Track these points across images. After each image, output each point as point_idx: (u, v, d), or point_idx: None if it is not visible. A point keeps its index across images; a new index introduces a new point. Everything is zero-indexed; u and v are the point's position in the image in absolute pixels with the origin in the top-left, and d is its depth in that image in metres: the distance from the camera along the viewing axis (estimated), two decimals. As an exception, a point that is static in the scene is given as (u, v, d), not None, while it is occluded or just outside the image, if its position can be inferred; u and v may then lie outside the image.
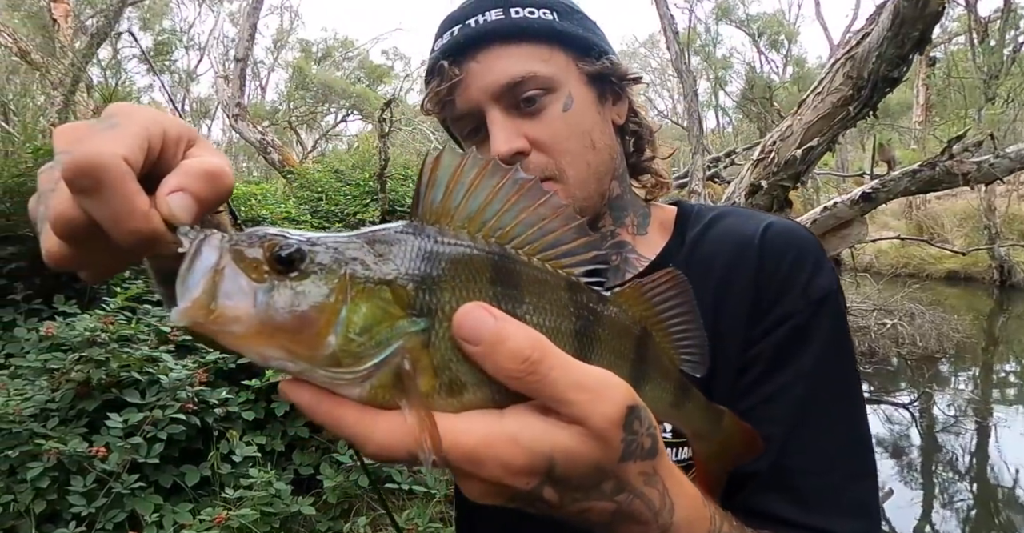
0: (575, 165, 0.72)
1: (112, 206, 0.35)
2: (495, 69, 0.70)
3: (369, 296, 0.35)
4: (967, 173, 2.81)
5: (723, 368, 0.67)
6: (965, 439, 6.06)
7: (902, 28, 2.37)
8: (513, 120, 0.71)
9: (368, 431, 0.35)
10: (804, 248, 0.69)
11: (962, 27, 14.33)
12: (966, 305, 10.92)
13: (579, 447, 0.38)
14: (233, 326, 0.33)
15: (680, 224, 0.78)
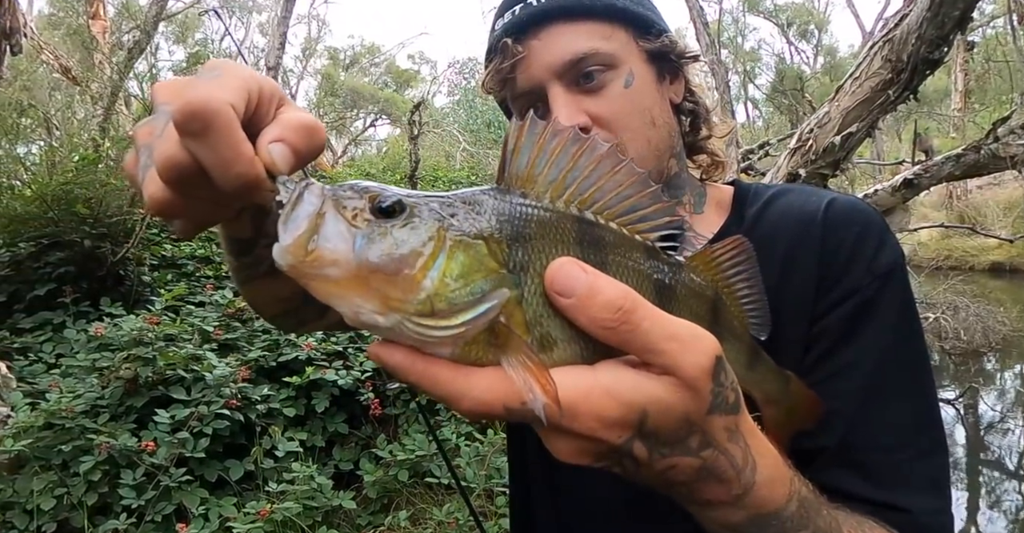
0: (636, 142, 0.72)
1: (220, 150, 0.36)
2: (557, 46, 0.71)
3: (466, 248, 0.36)
4: (1014, 156, 2.71)
5: (789, 344, 0.66)
6: (1013, 437, 5.86)
7: (942, 7, 2.30)
8: (575, 96, 0.72)
9: (466, 387, 0.35)
10: (869, 223, 0.68)
11: (1001, 9, 13.86)
12: (1012, 298, 10.53)
13: (670, 397, 0.38)
14: (330, 269, 0.34)
15: (738, 203, 0.78)
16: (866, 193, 2.83)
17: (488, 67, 0.76)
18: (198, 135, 0.36)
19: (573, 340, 0.38)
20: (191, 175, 0.38)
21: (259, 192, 0.38)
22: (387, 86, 24.60)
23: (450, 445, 3.06)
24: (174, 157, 0.37)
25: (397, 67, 26.89)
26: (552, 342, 0.38)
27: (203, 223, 0.44)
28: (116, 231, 4.30)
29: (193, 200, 0.40)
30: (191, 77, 0.41)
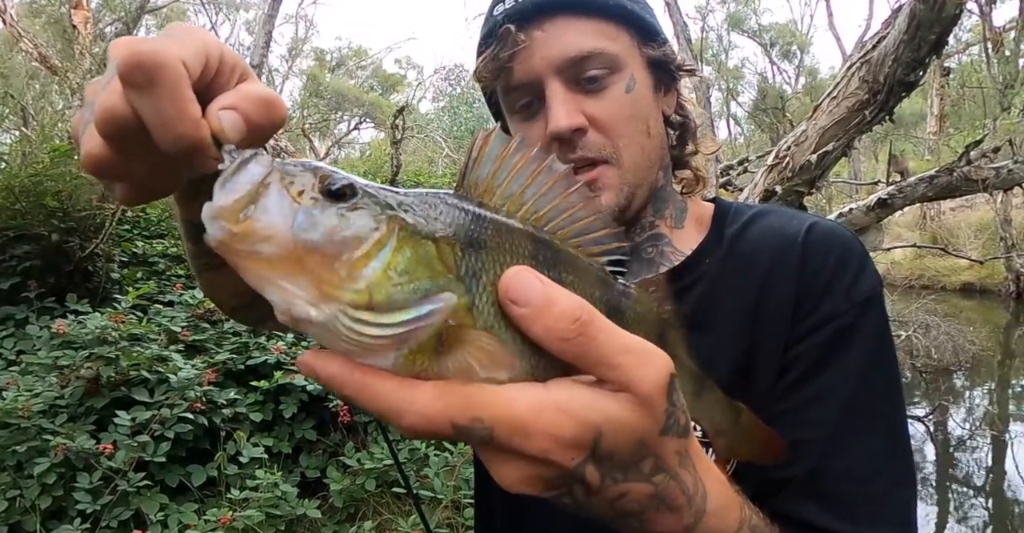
0: (631, 149, 0.70)
1: (163, 106, 0.33)
2: (562, 40, 0.68)
3: (415, 244, 0.33)
4: (985, 179, 2.77)
5: (763, 367, 0.65)
6: (981, 453, 5.97)
7: (918, 31, 2.34)
8: (574, 96, 0.69)
9: (408, 400, 0.32)
10: (849, 249, 0.68)
11: (976, 37, 14.25)
12: (982, 317, 10.78)
13: (626, 416, 0.36)
14: (263, 245, 0.31)
15: (718, 220, 0.77)
16: (841, 212, 2.87)
17: (483, 54, 0.72)
18: (141, 87, 0.33)
19: (524, 355, 0.36)
20: (131, 131, 0.35)
21: (202, 158, 0.35)
22: (373, 89, 24.52)
23: (419, 454, 3.02)
24: (113, 108, 0.34)
25: (384, 71, 26.83)
26: (499, 362, 0.35)
27: (145, 190, 0.41)
28: (85, 226, 4.19)
29: (133, 161, 0.37)
30: (151, 37, 0.38)
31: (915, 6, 2.37)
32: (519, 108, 0.72)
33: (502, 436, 0.33)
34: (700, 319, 0.67)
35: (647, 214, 0.76)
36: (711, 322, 0.68)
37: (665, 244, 0.76)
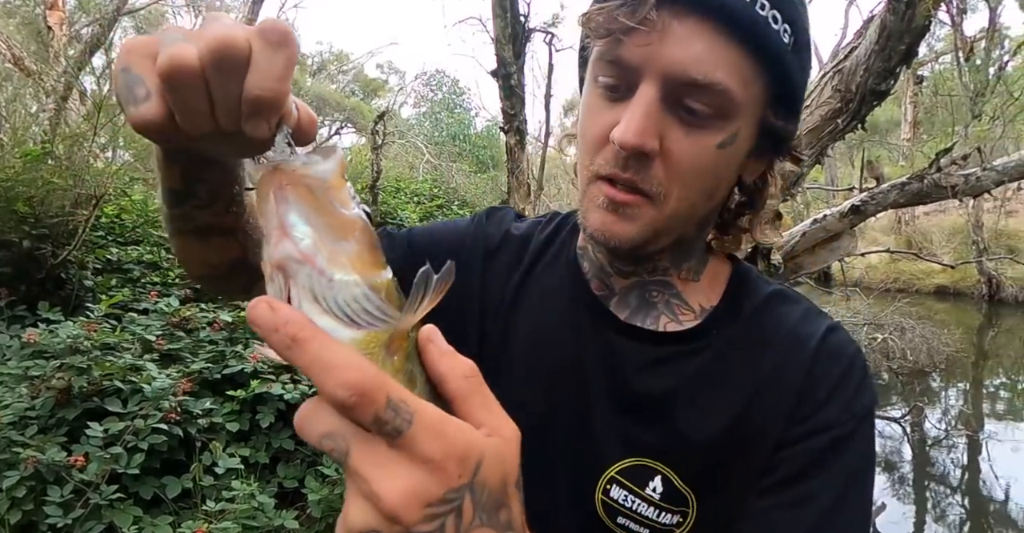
0: (684, 203, 0.60)
1: (284, 62, 0.37)
2: (691, 51, 0.54)
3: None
4: (955, 185, 2.83)
5: (746, 456, 0.63)
6: (956, 453, 6.08)
7: (889, 41, 2.39)
8: (663, 114, 0.57)
9: (354, 363, 0.31)
10: (855, 363, 0.64)
11: (948, 46, 14.58)
12: (955, 319, 10.99)
13: (500, 449, 0.36)
14: (335, 201, 0.36)
15: (733, 287, 0.71)
16: (816, 218, 2.91)
17: (606, 4, 0.57)
18: (274, 44, 0.36)
19: (427, 393, 0.37)
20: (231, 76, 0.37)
21: (262, 127, 0.38)
22: (354, 94, 24.41)
23: (398, 463, 3.00)
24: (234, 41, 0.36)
25: (365, 76, 26.72)
26: (414, 383, 0.37)
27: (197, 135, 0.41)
28: (58, 232, 4.11)
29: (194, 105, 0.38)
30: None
31: (886, 17, 2.42)
32: (602, 82, 0.60)
33: (419, 429, 0.32)
34: (693, 392, 0.65)
35: (663, 260, 0.69)
36: (703, 398, 0.65)
37: (673, 295, 0.70)
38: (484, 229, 0.78)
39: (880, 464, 5.71)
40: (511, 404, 0.69)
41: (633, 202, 0.59)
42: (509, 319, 0.72)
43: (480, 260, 0.75)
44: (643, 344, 0.67)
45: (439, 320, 0.76)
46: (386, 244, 0.78)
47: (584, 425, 0.67)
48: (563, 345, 0.69)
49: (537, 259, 0.75)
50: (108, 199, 4.81)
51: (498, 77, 4.07)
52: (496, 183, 10.92)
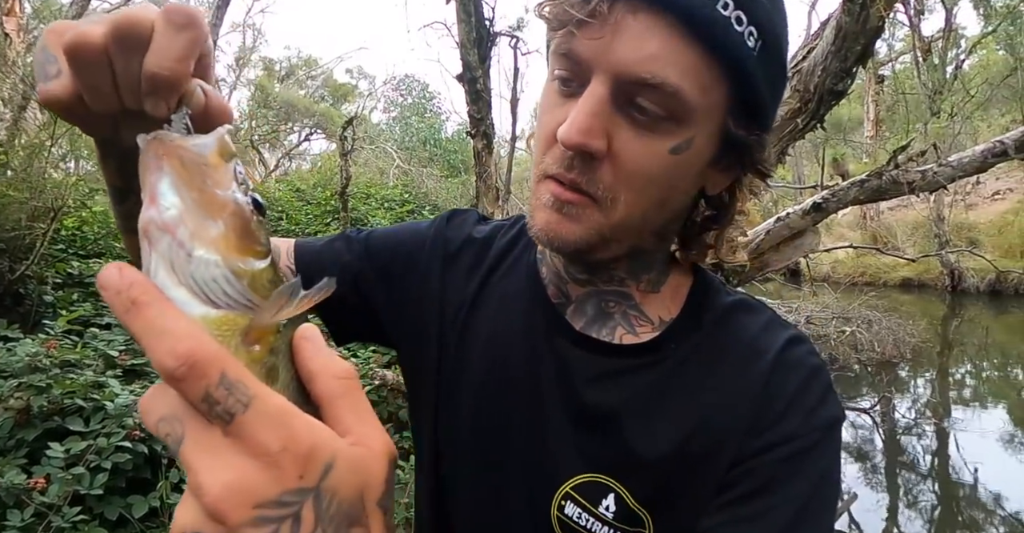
0: (632, 208, 0.57)
1: (184, 43, 0.37)
2: (643, 49, 0.51)
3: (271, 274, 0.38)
4: (912, 182, 2.91)
5: (703, 474, 0.60)
6: (925, 441, 6.23)
7: (845, 42, 2.44)
8: (613, 114, 0.54)
9: (194, 333, 0.29)
10: (817, 374, 0.63)
11: (908, 46, 14.99)
12: (920, 311, 11.28)
13: (358, 458, 0.31)
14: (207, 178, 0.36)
15: (694, 299, 0.68)
16: (779, 216, 2.96)
17: None
18: (178, 25, 0.37)
19: (291, 393, 0.35)
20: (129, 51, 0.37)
21: (161, 105, 0.38)
22: (324, 100, 24.18)
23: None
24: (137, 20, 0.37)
25: (334, 81, 26.51)
26: (274, 379, 0.35)
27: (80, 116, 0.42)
28: (15, 246, 4.00)
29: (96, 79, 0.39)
30: None
31: (841, 18, 2.47)
32: (557, 76, 0.57)
33: (256, 415, 0.28)
34: (645, 407, 0.63)
35: (620, 269, 0.66)
36: (655, 413, 0.63)
37: (631, 306, 0.67)
38: (445, 232, 0.76)
39: (852, 454, 5.82)
40: (468, 409, 0.68)
41: (579, 202, 0.56)
42: (467, 323, 0.71)
43: (440, 263, 0.74)
44: (596, 356, 0.65)
45: (402, 320, 0.74)
46: (342, 246, 0.76)
47: (539, 437, 0.65)
48: (518, 353, 0.68)
49: (498, 263, 0.73)
50: (68, 211, 4.69)
51: (464, 81, 4.06)
52: (467, 187, 10.90)
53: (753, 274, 2.89)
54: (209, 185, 0.35)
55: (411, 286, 0.73)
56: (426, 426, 0.72)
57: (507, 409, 0.67)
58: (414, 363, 0.75)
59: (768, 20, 0.53)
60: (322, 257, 0.76)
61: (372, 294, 0.75)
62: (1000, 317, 11.78)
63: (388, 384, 3.28)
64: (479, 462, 0.67)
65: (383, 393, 3.35)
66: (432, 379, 0.71)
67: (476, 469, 0.68)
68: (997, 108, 18.21)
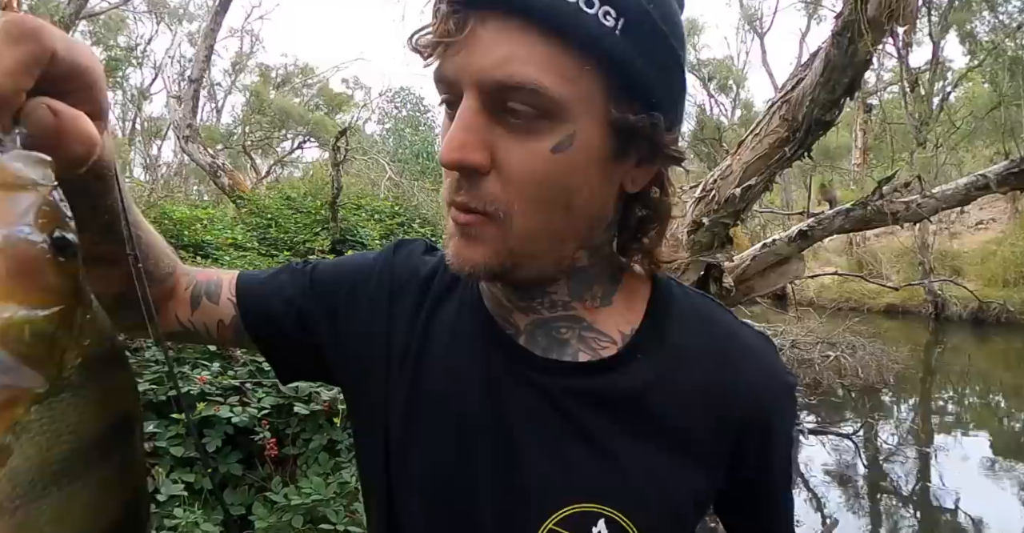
0: (528, 217, 0.55)
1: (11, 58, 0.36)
2: (496, 54, 0.50)
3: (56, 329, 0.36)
4: (896, 212, 2.95)
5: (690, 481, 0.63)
6: (907, 467, 6.24)
7: (833, 74, 2.49)
8: (487, 124, 0.52)
9: None
10: (786, 384, 0.67)
11: (896, 77, 15.29)
12: (904, 337, 11.36)
13: None
14: None
15: (654, 308, 0.66)
16: (765, 243, 2.99)
17: (430, 21, 0.54)
18: (13, 37, 0.36)
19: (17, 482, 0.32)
20: None
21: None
22: (318, 108, 24.19)
23: (349, 488, 2.92)
24: None
25: (330, 90, 26.55)
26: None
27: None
28: None
29: None
30: None
31: (830, 51, 2.52)
32: (443, 101, 0.57)
33: None
34: (627, 423, 0.62)
35: (560, 292, 0.64)
36: (638, 426, 0.62)
37: (584, 328, 0.65)
38: (391, 265, 0.72)
39: (834, 479, 5.82)
40: (426, 460, 0.65)
41: (475, 222, 0.55)
42: (417, 366, 0.67)
43: (386, 297, 0.70)
44: (568, 378, 0.63)
45: (347, 357, 0.71)
46: (286, 279, 0.74)
47: (510, 477, 0.62)
48: (477, 391, 0.64)
49: (441, 298, 0.69)
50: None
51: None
52: (459, 201, 10.86)
53: (739, 299, 2.91)
54: None
55: (355, 321, 0.70)
56: (375, 464, 0.68)
57: (472, 453, 0.63)
58: (359, 401, 0.72)
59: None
60: (265, 290, 0.73)
61: (315, 329, 0.71)
62: (983, 345, 11.89)
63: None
64: (442, 507, 0.64)
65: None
66: (380, 418, 0.67)
67: (438, 514, 0.64)
68: (981, 140, 18.57)
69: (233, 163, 12.73)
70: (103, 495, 0.36)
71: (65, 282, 0.34)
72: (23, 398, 0.31)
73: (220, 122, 24.39)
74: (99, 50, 20.41)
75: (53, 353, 0.33)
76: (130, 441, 0.39)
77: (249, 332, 0.72)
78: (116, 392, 0.37)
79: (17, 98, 0.36)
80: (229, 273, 0.75)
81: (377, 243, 6.26)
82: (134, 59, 22.17)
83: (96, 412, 0.35)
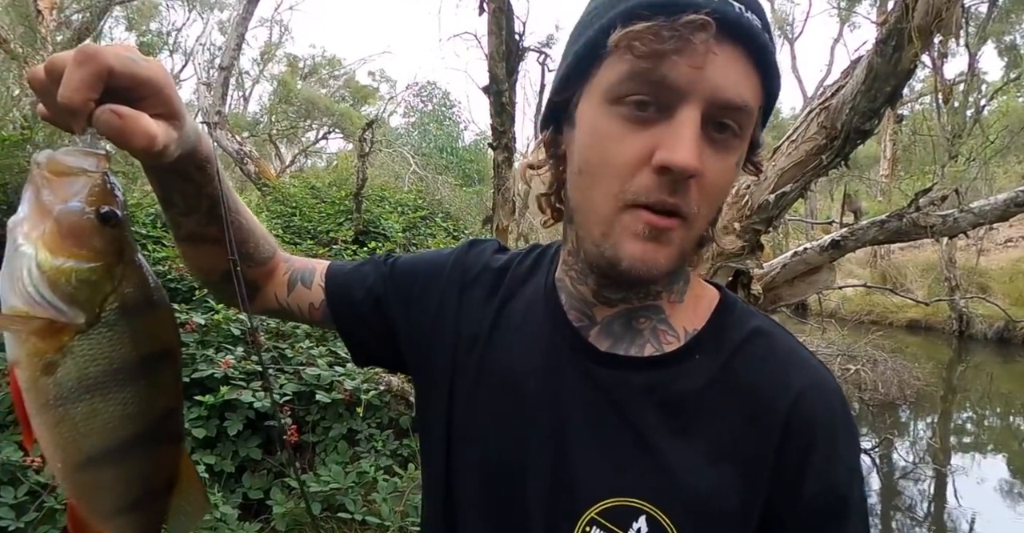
0: (704, 222, 0.61)
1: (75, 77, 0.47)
2: (731, 76, 0.55)
3: (101, 285, 0.48)
4: (932, 225, 2.90)
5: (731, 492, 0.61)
6: (924, 485, 6.15)
7: (875, 83, 2.45)
8: (702, 138, 0.57)
9: None
10: (841, 408, 0.65)
11: (929, 88, 15.02)
12: (926, 354, 11.17)
13: None
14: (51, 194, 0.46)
15: (720, 314, 0.69)
16: (796, 251, 2.95)
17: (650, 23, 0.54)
18: (77, 61, 0.47)
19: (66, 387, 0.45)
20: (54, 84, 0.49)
21: (77, 123, 0.48)
22: (344, 100, 24.31)
23: (367, 478, 2.94)
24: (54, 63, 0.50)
25: (356, 82, 26.68)
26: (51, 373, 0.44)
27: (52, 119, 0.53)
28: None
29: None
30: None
31: (873, 59, 2.47)
32: (629, 102, 0.57)
33: None
34: (677, 422, 0.63)
35: (660, 281, 0.66)
36: (688, 428, 0.63)
37: (660, 320, 0.68)
38: (464, 260, 0.77)
39: (848, 495, 5.75)
40: (484, 445, 0.68)
41: (673, 226, 0.58)
42: (484, 352, 0.71)
43: (457, 290, 0.75)
44: (626, 372, 0.65)
45: (418, 346, 0.75)
46: (369, 270, 0.80)
47: (561, 464, 0.65)
48: (538, 380, 0.67)
49: (514, 292, 0.74)
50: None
51: (490, 94, 4.09)
52: (481, 197, 10.91)
53: (766, 306, 2.88)
54: (44, 196, 0.43)
55: (428, 312, 0.75)
56: (437, 450, 0.72)
57: (526, 437, 0.66)
58: (427, 386, 0.76)
59: (771, 36, 0.59)
60: (349, 280, 0.81)
61: (390, 316, 0.77)
62: (1007, 365, 11.65)
63: (392, 390, 3.27)
64: (495, 487, 0.67)
65: (386, 399, 3.34)
66: (444, 402, 0.71)
67: (491, 494, 0.67)
68: (1015, 155, 18.18)
69: (259, 151, 12.85)
70: (128, 409, 0.48)
71: (108, 244, 0.45)
72: (68, 329, 0.42)
73: (248, 110, 24.63)
74: (132, 35, 20.71)
75: (94, 297, 0.44)
76: (158, 369, 0.50)
77: (332, 316, 0.80)
78: (148, 330, 0.48)
79: (86, 107, 0.47)
80: (322, 263, 0.84)
81: (400, 235, 6.29)
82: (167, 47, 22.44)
83: (128, 345, 0.46)
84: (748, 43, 0.56)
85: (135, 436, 0.49)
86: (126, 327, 0.45)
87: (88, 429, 0.46)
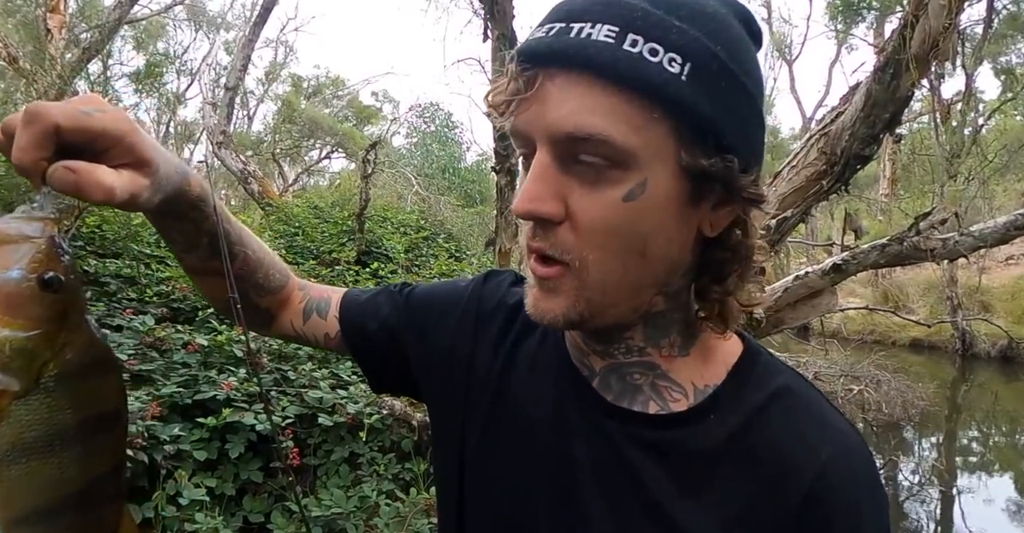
0: (603, 266, 0.55)
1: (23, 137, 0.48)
2: (564, 108, 0.52)
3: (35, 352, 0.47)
4: (933, 249, 2.91)
5: None
6: (929, 506, 6.09)
7: (874, 109, 2.48)
8: (560, 176, 0.54)
9: None
10: (869, 480, 0.61)
11: (926, 107, 15.13)
12: (929, 373, 11.12)
13: None
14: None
15: (741, 371, 0.64)
16: (797, 275, 2.96)
17: (499, 78, 0.57)
18: (23, 122, 0.48)
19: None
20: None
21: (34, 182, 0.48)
22: (347, 120, 24.52)
23: (369, 503, 2.92)
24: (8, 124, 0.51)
25: (359, 102, 26.92)
26: None
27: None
28: (37, 245, 4.03)
29: None
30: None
31: (871, 86, 2.52)
32: (521, 155, 0.59)
33: None
34: (691, 483, 0.60)
35: (635, 338, 0.63)
36: (702, 487, 0.60)
37: (658, 375, 0.64)
38: (479, 293, 0.76)
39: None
40: (493, 500, 0.68)
41: (553, 274, 0.56)
42: (497, 390, 0.69)
43: (472, 322, 0.74)
44: (637, 429, 0.62)
45: (432, 377, 0.75)
46: (384, 300, 0.80)
47: (569, 519, 0.62)
48: (549, 430, 0.65)
49: (527, 329, 0.71)
50: (90, 210, 4.74)
51: (493, 117, 4.12)
52: (483, 218, 10.95)
53: (768, 330, 2.88)
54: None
55: (442, 342, 0.75)
56: (451, 477, 0.72)
57: (535, 483, 0.64)
58: (441, 417, 0.76)
59: (693, 40, 0.51)
60: (364, 309, 0.80)
61: (407, 348, 0.77)
62: (1010, 383, 11.59)
63: (395, 414, 3.26)
64: (506, 528, 0.67)
65: (389, 422, 3.32)
66: (457, 435, 0.71)
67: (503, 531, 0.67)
68: (1013, 173, 18.26)
69: (262, 170, 12.94)
70: (65, 472, 0.48)
71: (48, 311, 0.44)
72: (5, 394, 0.42)
73: (251, 129, 24.84)
74: (139, 55, 20.97)
75: (31, 365, 0.44)
76: (99, 432, 0.50)
77: (348, 347, 0.80)
78: (90, 394, 0.48)
79: (36, 167, 0.47)
80: (338, 291, 0.84)
81: (402, 256, 6.30)
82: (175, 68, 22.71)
83: (67, 410, 0.46)
84: (586, 67, 0.51)
85: (72, 497, 0.49)
86: (65, 393, 0.45)
87: (24, 488, 0.47)
